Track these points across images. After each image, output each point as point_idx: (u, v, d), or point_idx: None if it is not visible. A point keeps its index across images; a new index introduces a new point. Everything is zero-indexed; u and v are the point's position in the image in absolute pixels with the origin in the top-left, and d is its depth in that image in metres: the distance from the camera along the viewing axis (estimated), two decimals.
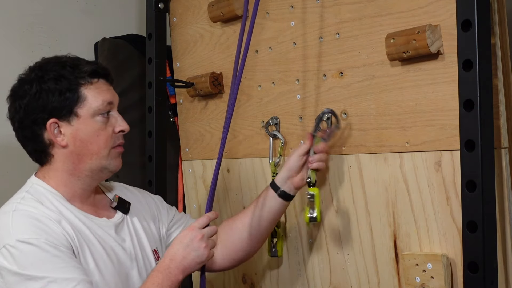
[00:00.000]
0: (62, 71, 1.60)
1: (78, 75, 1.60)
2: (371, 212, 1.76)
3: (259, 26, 2.03)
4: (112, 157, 1.64)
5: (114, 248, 1.64)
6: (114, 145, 1.64)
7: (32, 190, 1.61)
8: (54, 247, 1.48)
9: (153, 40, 2.29)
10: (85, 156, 1.61)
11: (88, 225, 1.61)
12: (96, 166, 1.63)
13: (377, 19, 1.72)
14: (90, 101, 1.60)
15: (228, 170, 2.17)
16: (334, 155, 1.83)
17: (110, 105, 1.63)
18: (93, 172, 1.64)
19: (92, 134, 1.60)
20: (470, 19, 1.45)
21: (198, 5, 2.25)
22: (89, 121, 1.60)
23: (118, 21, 2.70)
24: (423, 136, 1.63)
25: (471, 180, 1.46)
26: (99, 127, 1.61)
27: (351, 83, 1.79)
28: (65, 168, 1.62)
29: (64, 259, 1.48)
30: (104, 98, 1.62)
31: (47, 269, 1.45)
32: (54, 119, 1.59)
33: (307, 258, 1.94)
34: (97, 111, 1.61)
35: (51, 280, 1.44)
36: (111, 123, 1.63)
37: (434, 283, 1.59)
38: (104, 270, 1.59)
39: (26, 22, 2.47)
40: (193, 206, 2.33)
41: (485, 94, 1.45)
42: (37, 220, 1.52)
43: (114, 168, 1.66)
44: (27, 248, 1.46)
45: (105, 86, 1.64)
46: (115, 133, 1.64)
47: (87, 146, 1.60)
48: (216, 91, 2.17)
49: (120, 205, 1.73)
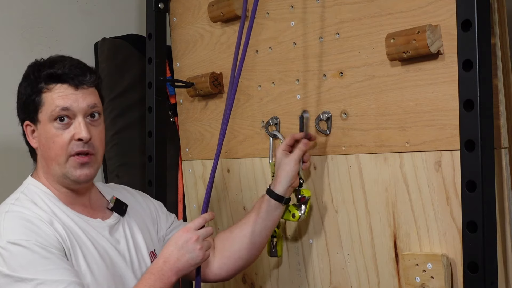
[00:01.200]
0: (29, 76, 1.61)
1: (38, 79, 1.59)
2: (371, 212, 1.76)
3: (259, 26, 2.03)
4: (71, 165, 1.58)
5: (107, 250, 1.63)
6: (72, 153, 1.57)
7: (27, 191, 1.61)
8: (45, 249, 1.47)
9: (153, 40, 2.29)
10: (48, 160, 1.60)
11: (81, 225, 1.60)
12: (57, 171, 1.60)
13: (377, 19, 1.72)
14: (46, 106, 1.57)
15: (228, 170, 2.17)
16: (334, 155, 1.83)
17: (64, 111, 1.56)
18: (59, 178, 1.61)
19: (48, 139, 1.58)
20: (470, 19, 1.45)
21: (198, 5, 2.25)
22: (47, 127, 1.58)
23: (118, 21, 2.69)
24: (423, 136, 1.63)
25: (471, 180, 1.46)
26: (54, 133, 1.57)
27: (351, 83, 1.79)
28: (42, 169, 1.64)
29: (55, 261, 1.47)
30: (58, 104, 1.56)
31: (36, 271, 1.44)
32: (28, 121, 1.62)
33: (307, 258, 1.94)
34: (51, 116, 1.57)
35: (40, 282, 1.43)
36: (70, 130, 1.57)
37: (434, 283, 1.59)
38: (96, 272, 1.57)
39: (26, 22, 2.47)
40: (193, 206, 2.33)
41: (485, 94, 1.45)
42: (29, 221, 1.51)
43: (75, 178, 1.59)
44: (17, 250, 1.45)
45: (65, 91, 1.57)
46: (75, 140, 1.57)
47: (47, 151, 1.59)
48: (216, 91, 2.17)
49: (116, 206, 1.71)
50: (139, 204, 1.81)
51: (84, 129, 1.56)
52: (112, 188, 1.82)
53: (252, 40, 2.06)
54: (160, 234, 1.83)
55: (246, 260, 1.84)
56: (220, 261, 1.82)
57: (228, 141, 2.16)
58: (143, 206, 1.82)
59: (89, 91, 1.60)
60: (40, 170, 1.65)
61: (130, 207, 1.75)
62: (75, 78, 1.58)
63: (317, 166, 1.89)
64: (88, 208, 1.68)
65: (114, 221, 1.70)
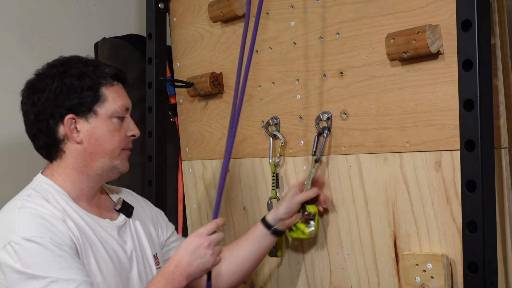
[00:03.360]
0: (85, 69, 1.62)
1: (100, 75, 1.63)
2: (371, 212, 1.76)
3: (259, 26, 2.03)
4: (122, 158, 1.67)
5: (116, 250, 1.64)
6: (125, 148, 1.67)
7: (39, 188, 1.62)
8: (58, 247, 1.48)
9: (153, 40, 2.30)
10: (98, 154, 1.63)
11: (91, 226, 1.61)
12: (107, 165, 1.65)
13: (377, 19, 1.72)
14: (110, 102, 1.63)
15: (228, 170, 2.17)
16: (334, 155, 1.83)
17: (127, 110, 1.68)
18: (104, 171, 1.65)
19: (108, 134, 1.63)
20: (470, 19, 1.45)
21: (198, 5, 2.25)
22: (106, 121, 1.63)
23: (118, 21, 2.70)
24: (423, 136, 1.63)
25: (471, 180, 1.46)
26: (114, 128, 1.64)
27: (351, 83, 1.79)
28: (76, 165, 1.63)
29: (67, 259, 1.48)
30: (123, 103, 1.66)
31: (49, 269, 1.45)
32: (72, 115, 1.60)
33: (307, 258, 1.94)
34: (115, 113, 1.64)
35: (53, 280, 1.44)
36: (124, 127, 1.67)
37: (434, 283, 1.59)
38: (105, 271, 1.59)
39: (26, 22, 2.47)
40: (193, 206, 2.33)
41: (485, 94, 1.45)
42: (43, 218, 1.52)
43: (123, 169, 1.68)
44: (31, 246, 1.46)
45: (123, 91, 1.68)
46: (127, 136, 1.67)
47: (101, 144, 1.62)
48: (216, 91, 2.17)
49: (123, 208, 1.74)
50: (142, 208, 1.83)
51: (136, 128, 1.69)
52: (117, 190, 1.84)
53: None
54: (161, 240, 1.84)
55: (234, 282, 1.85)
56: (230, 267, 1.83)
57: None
58: (145, 210, 1.84)
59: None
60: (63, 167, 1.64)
61: (135, 210, 1.77)
62: (126, 80, 1.71)
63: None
64: (98, 207, 1.69)
65: (122, 222, 1.71)
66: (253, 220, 2.09)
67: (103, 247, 1.61)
